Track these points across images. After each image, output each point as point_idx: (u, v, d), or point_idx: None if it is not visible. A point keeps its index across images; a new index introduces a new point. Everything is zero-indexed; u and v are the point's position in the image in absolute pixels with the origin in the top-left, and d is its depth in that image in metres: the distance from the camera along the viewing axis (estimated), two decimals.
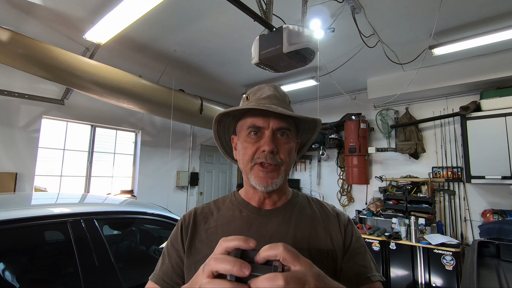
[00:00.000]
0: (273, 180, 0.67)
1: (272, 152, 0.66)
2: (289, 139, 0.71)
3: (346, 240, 0.70)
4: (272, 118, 0.68)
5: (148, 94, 3.38)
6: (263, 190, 0.68)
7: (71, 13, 2.55)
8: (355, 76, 4.01)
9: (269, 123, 0.68)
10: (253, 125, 0.69)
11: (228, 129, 0.80)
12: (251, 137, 0.69)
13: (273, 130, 0.68)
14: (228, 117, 0.75)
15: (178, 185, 5.19)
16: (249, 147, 0.69)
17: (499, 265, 1.68)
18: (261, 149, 0.67)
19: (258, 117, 0.69)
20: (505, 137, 3.12)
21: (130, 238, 1.89)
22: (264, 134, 0.68)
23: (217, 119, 0.74)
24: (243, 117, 0.73)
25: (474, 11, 2.46)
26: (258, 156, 0.67)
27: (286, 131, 0.70)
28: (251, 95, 0.76)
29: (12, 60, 2.44)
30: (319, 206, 0.78)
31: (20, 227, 1.26)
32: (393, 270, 3.28)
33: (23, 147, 3.43)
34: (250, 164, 0.68)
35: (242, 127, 0.72)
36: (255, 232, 0.69)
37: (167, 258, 0.71)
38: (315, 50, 1.84)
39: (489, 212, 3.34)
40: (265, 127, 0.68)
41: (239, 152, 0.72)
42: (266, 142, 0.67)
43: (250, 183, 0.70)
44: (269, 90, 0.74)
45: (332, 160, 4.91)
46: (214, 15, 2.56)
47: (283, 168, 0.69)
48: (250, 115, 0.70)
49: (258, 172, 0.67)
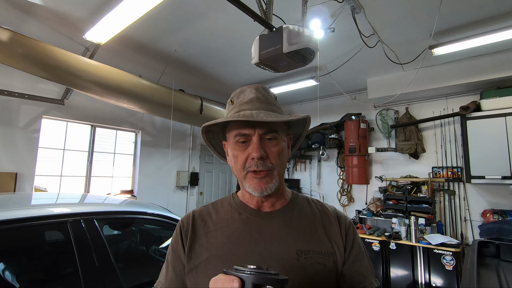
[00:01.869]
0: (267, 185, 0.66)
1: (261, 158, 0.65)
2: (278, 141, 0.69)
3: (347, 244, 0.70)
4: (257, 124, 0.67)
5: (148, 94, 3.38)
6: (259, 196, 0.68)
7: (71, 13, 2.55)
8: (355, 76, 4.00)
9: (255, 129, 0.67)
10: (239, 133, 0.68)
11: (218, 136, 0.80)
12: (239, 145, 0.69)
13: (260, 135, 0.67)
14: (215, 126, 0.74)
15: (178, 185, 5.19)
16: (239, 155, 0.68)
17: (499, 265, 1.68)
18: (250, 157, 0.66)
19: (243, 125, 0.68)
20: (505, 137, 3.12)
21: (130, 238, 1.89)
22: (251, 140, 0.67)
23: (203, 131, 0.75)
24: (228, 125, 0.72)
25: (474, 11, 2.46)
26: (249, 164, 0.67)
27: (273, 133, 0.68)
28: (234, 98, 0.74)
29: (12, 60, 2.44)
30: (319, 207, 0.77)
31: (20, 227, 1.26)
32: (393, 270, 3.28)
33: (23, 147, 3.43)
34: (243, 172, 0.68)
35: (229, 136, 0.72)
36: (255, 234, 0.68)
37: (171, 266, 0.71)
38: (315, 50, 1.84)
39: (489, 212, 3.34)
40: (252, 134, 0.67)
41: (231, 160, 0.72)
42: (254, 149, 0.66)
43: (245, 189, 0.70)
44: (251, 92, 0.72)
45: (332, 160, 4.91)
46: (214, 15, 2.56)
47: (276, 172, 0.68)
48: (235, 123, 0.69)
49: (251, 179, 0.67)
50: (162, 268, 0.74)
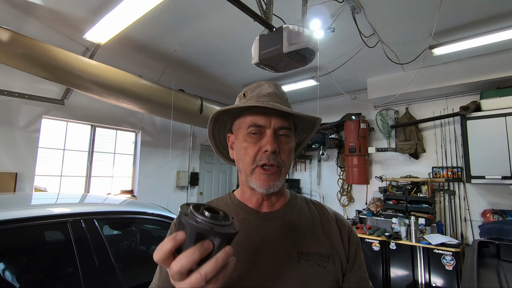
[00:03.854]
0: (275, 183, 0.65)
1: (274, 152, 0.63)
2: (289, 139, 0.68)
3: (351, 250, 0.69)
4: (273, 117, 0.65)
5: (148, 94, 3.38)
6: (264, 193, 0.65)
7: (71, 13, 2.55)
8: (355, 76, 4.00)
9: (270, 121, 0.65)
10: (254, 123, 0.65)
11: (223, 127, 0.76)
12: (251, 137, 0.66)
13: (274, 129, 0.65)
14: (226, 114, 0.71)
15: (178, 185, 5.19)
16: (250, 147, 0.65)
17: (499, 265, 1.68)
18: (263, 149, 0.64)
19: (259, 115, 0.65)
20: (505, 137, 3.11)
21: (130, 238, 1.89)
22: (265, 133, 0.65)
23: (213, 117, 0.70)
24: (241, 115, 0.70)
25: (474, 11, 2.46)
26: (260, 157, 0.64)
27: (287, 130, 0.67)
28: (248, 92, 0.71)
29: (12, 60, 2.44)
30: (318, 208, 0.76)
31: (20, 227, 1.26)
32: (393, 270, 3.28)
33: (23, 147, 3.43)
34: (251, 166, 0.65)
35: (240, 126, 0.69)
36: (254, 234, 0.66)
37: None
38: (315, 50, 1.84)
39: (489, 212, 3.34)
40: (267, 126, 0.65)
41: (238, 152, 0.69)
42: (269, 141, 0.63)
43: (249, 185, 0.68)
44: (269, 87, 0.71)
45: (332, 160, 4.91)
46: (214, 15, 2.56)
47: (284, 170, 0.67)
48: (250, 113, 0.67)
49: (259, 175, 0.64)
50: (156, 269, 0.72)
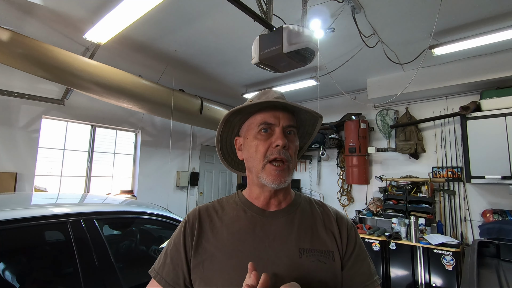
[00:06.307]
0: (285, 178, 0.69)
1: (284, 147, 0.68)
2: (295, 138, 0.74)
3: (349, 246, 0.72)
4: (282, 116, 0.71)
5: (148, 94, 3.38)
6: (275, 188, 0.70)
7: (71, 13, 2.55)
8: (355, 76, 4.00)
9: (279, 120, 0.71)
10: (264, 121, 0.71)
11: (232, 131, 0.81)
12: (261, 135, 0.71)
13: (283, 127, 0.70)
14: (236, 116, 0.76)
15: (178, 185, 5.19)
16: (260, 144, 0.70)
17: (499, 265, 1.68)
18: (273, 144, 0.69)
19: (269, 114, 0.71)
20: (505, 137, 3.11)
21: (130, 238, 1.89)
22: (274, 131, 0.71)
23: (225, 118, 0.75)
24: (251, 116, 0.75)
25: (474, 11, 2.46)
26: (271, 152, 0.69)
27: (294, 129, 0.73)
28: (255, 99, 0.76)
29: (12, 60, 2.44)
30: (321, 208, 0.80)
31: (20, 227, 1.26)
32: (393, 270, 3.28)
33: (23, 147, 3.43)
34: (262, 162, 0.70)
35: (250, 126, 0.74)
36: (259, 232, 0.70)
37: (169, 258, 0.72)
38: (315, 50, 1.84)
39: (489, 212, 3.34)
40: (276, 124, 0.71)
41: (249, 150, 0.73)
42: (279, 137, 0.69)
43: (259, 182, 0.71)
44: (275, 93, 0.77)
45: (332, 160, 4.91)
46: (214, 15, 2.56)
47: (291, 166, 0.71)
48: (260, 113, 0.72)
49: (270, 170, 0.69)
50: (159, 256, 0.75)
